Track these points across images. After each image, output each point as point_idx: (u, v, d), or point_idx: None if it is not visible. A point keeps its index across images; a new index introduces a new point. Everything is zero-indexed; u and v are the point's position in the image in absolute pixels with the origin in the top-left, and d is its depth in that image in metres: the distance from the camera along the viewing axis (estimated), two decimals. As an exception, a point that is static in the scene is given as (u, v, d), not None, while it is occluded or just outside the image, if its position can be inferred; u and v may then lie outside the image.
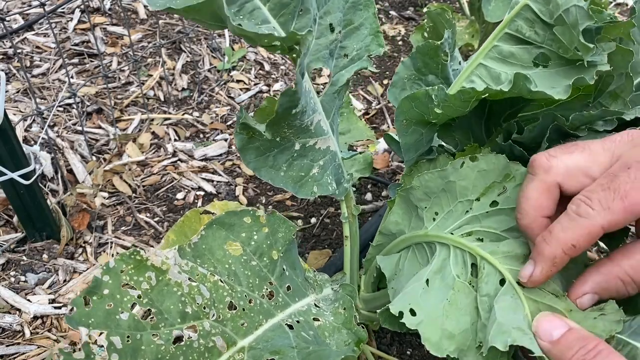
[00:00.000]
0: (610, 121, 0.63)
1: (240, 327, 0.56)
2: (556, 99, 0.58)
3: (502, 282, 0.57)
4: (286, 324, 0.59)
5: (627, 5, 2.40)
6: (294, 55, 0.58)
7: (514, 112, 0.73)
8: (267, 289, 0.61)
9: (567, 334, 0.49)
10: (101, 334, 0.48)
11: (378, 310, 0.62)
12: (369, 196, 1.38)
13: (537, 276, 0.53)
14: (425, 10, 0.89)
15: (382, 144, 1.53)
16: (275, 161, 0.68)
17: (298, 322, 0.60)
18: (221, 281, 0.57)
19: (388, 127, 1.64)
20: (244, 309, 0.57)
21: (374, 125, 1.65)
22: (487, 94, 0.61)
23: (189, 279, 0.55)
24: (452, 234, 0.64)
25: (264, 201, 1.33)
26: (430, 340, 0.55)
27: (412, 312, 0.57)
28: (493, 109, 0.73)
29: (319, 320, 0.63)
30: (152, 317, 0.51)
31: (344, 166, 0.78)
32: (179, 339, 0.52)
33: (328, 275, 0.75)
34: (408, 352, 1.02)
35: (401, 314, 0.57)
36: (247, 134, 0.64)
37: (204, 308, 0.55)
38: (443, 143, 0.81)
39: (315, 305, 0.66)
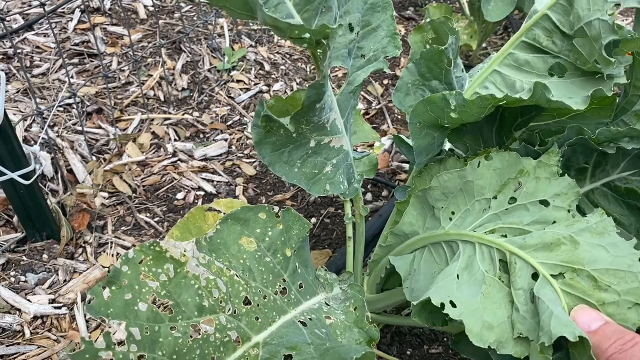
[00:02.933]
0: (637, 139, 0.63)
1: (254, 322, 0.57)
2: (574, 110, 0.59)
3: (534, 275, 0.58)
4: (299, 321, 0.60)
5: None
6: (319, 50, 0.59)
7: (525, 121, 0.74)
8: (280, 286, 0.61)
9: (604, 326, 0.51)
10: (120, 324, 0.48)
11: (414, 302, 0.62)
12: (369, 196, 1.38)
13: None
14: (427, 20, 0.89)
15: (383, 145, 1.53)
16: (290, 157, 0.69)
17: (311, 319, 0.61)
18: (237, 276, 0.58)
19: (388, 127, 1.64)
20: (258, 305, 0.58)
21: (374, 125, 1.65)
22: (505, 102, 0.61)
23: (206, 272, 0.56)
24: (474, 231, 0.65)
25: (264, 201, 1.33)
26: (473, 331, 0.56)
27: (452, 304, 0.58)
28: (505, 117, 0.74)
29: (330, 318, 0.63)
30: (170, 309, 0.52)
31: (355, 166, 0.79)
32: (196, 331, 0.52)
33: (335, 275, 0.76)
34: (408, 352, 1.02)
35: (442, 305, 0.58)
36: (265, 128, 0.64)
37: (221, 302, 0.55)
38: (453, 147, 0.82)
39: (326, 303, 0.67)
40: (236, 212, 0.61)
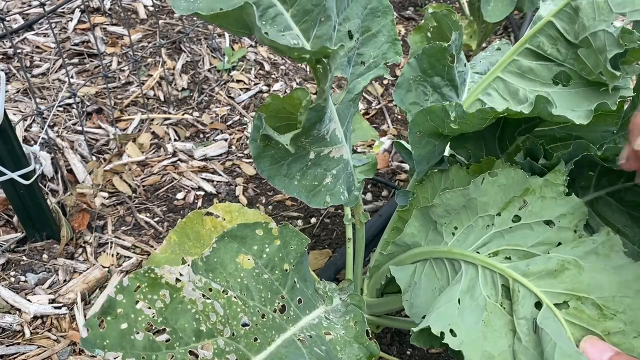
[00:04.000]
0: None
1: (253, 343, 0.56)
2: (577, 124, 0.58)
3: (537, 305, 0.57)
4: (298, 339, 0.59)
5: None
6: (320, 67, 0.58)
7: (529, 127, 0.73)
8: (278, 303, 0.60)
9: (614, 357, 0.50)
10: (117, 357, 0.47)
11: (413, 329, 0.61)
12: (369, 196, 1.38)
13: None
14: (430, 11, 0.88)
15: (382, 144, 1.53)
16: (289, 170, 0.68)
17: (310, 336, 0.60)
18: (235, 297, 0.57)
19: (388, 127, 1.64)
20: (256, 324, 0.57)
21: (374, 125, 1.65)
22: (505, 114, 0.61)
23: (202, 295, 0.54)
24: (478, 252, 0.63)
25: (264, 201, 1.33)
26: None
27: (452, 333, 0.57)
28: (508, 122, 0.73)
29: (330, 334, 0.63)
30: (167, 336, 0.51)
31: (355, 174, 0.78)
32: (194, 357, 0.51)
33: (335, 284, 0.75)
34: (408, 352, 1.02)
35: (442, 334, 0.57)
36: (262, 141, 0.64)
37: (218, 326, 0.54)
38: (455, 153, 0.81)
39: (326, 317, 0.66)
40: (233, 230, 0.60)
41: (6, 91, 1.41)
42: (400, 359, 1.00)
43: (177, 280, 0.54)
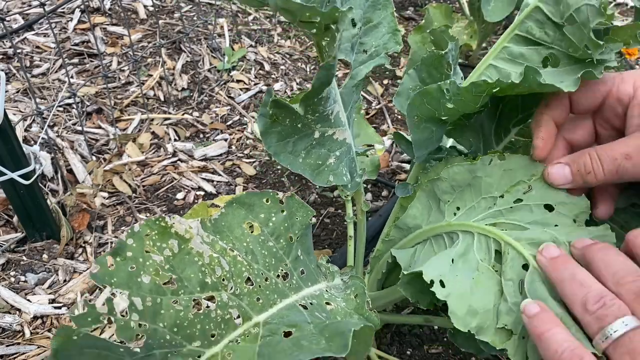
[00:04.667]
0: None
1: (255, 302, 0.57)
2: (565, 91, 0.59)
3: (525, 266, 0.58)
4: (300, 305, 0.60)
5: (627, 5, 2.40)
6: (326, 38, 0.60)
7: (525, 117, 0.74)
8: (282, 270, 0.62)
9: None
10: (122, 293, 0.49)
11: (404, 272, 0.63)
12: (369, 196, 1.38)
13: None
14: (429, 31, 0.90)
15: (383, 145, 1.53)
16: (295, 147, 0.69)
17: (312, 304, 0.62)
18: (240, 257, 0.58)
19: (388, 127, 1.64)
20: (260, 286, 0.58)
21: (374, 125, 1.65)
22: (498, 87, 0.62)
23: (210, 249, 0.56)
24: (475, 222, 0.65)
25: (264, 201, 1.33)
26: (456, 314, 0.56)
27: (442, 284, 0.59)
28: (504, 113, 0.74)
29: (330, 304, 0.64)
30: (173, 284, 0.52)
31: (357, 160, 0.80)
32: (197, 306, 0.53)
33: (337, 267, 0.76)
34: (408, 352, 1.02)
35: (432, 282, 0.58)
36: (271, 117, 0.65)
37: (223, 280, 0.56)
38: (456, 145, 0.82)
39: (327, 290, 0.67)
40: (241, 197, 0.62)
41: (6, 91, 1.41)
42: (400, 359, 1.00)
43: (187, 231, 0.55)
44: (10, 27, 1.68)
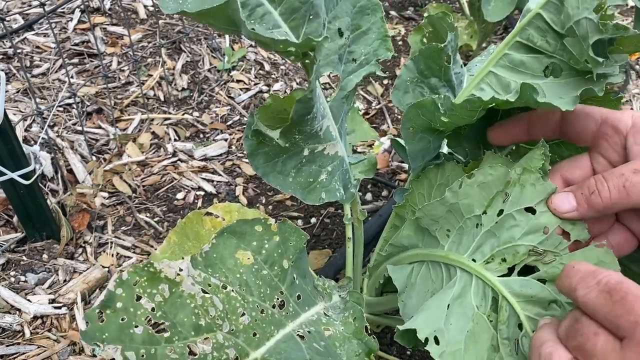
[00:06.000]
0: None
1: (252, 338, 0.56)
2: (563, 110, 0.58)
3: (520, 326, 0.57)
4: (297, 335, 0.59)
5: (627, 5, 2.39)
6: (307, 61, 0.58)
7: None
8: (278, 299, 0.60)
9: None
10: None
11: (398, 327, 0.61)
12: (369, 196, 1.38)
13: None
14: (425, 15, 0.89)
15: (382, 144, 1.53)
16: (284, 167, 0.68)
17: (309, 332, 0.60)
18: (234, 292, 0.57)
19: (388, 127, 1.64)
20: (255, 320, 0.57)
21: (374, 125, 1.65)
22: (493, 104, 0.60)
23: (202, 290, 0.54)
24: (474, 260, 0.63)
25: (264, 201, 1.33)
26: None
27: (436, 340, 0.57)
28: (504, 117, 0.72)
29: (329, 330, 0.63)
30: (166, 331, 0.51)
31: (351, 171, 0.78)
32: (192, 352, 0.51)
33: (334, 281, 0.75)
34: (408, 352, 1.02)
35: (427, 340, 0.57)
36: (257, 139, 0.64)
37: (217, 320, 0.54)
38: (452, 151, 0.81)
39: (325, 313, 0.66)
40: (232, 226, 0.60)
41: (6, 91, 1.41)
42: (400, 359, 1.00)
43: (177, 274, 0.54)
44: (10, 27, 1.68)
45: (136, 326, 0.49)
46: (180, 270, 0.54)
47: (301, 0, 0.63)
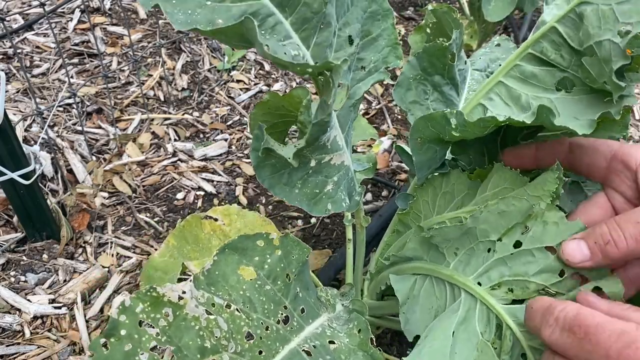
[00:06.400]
0: None
1: (258, 356, 0.55)
2: (580, 134, 0.57)
3: (524, 356, 0.56)
4: (303, 350, 0.58)
5: None
6: (321, 78, 0.56)
7: (532, 133, 0.72)
8: (282, 314, 0.60)
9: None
10: None
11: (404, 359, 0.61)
12: (369, 196, 1.38)
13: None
14: (429, 8, 0.88)
15: (382, 144, 1.53)
16: (290, 178, 0.66)
17: (314, 347, 0.60)
18: (238, 310, 0.56)
19: (388, 127, 1.64)
20: (260, 337, 0.56)
21: (374, 125, 1.65)
22: (508, 123, 0.59)
23: (206, 311, 0.54)
24: (479, 283, 0.62)
25: (264, 201, 1.33)
26: None
27: None
28: (510, 128, 0.71)
29: (334, 342, 0.62)
30: (172, 356, 0.50)
31: (356, 179, 0.77)
32: None
33: (336, 289, 0.74)
34: (408, 352, 1.01)
35: None
36: (263, 152, 0.63)
37: (222, 341, 0.54)
38: (456, 158, 0.80)
39: (329, 325, 0.65)
40: (233, 242, 0.59)
41: (6, 91, 1.41)
42: (400, 359, 1.00)
43: (180, 297, 0.53)
44: (10, 27, 1.68)
45: (142, 353, 0.48)
46: (183, 292, 0.53)
47: (313, 11, 0.61)
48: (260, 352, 0.56)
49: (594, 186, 0.76)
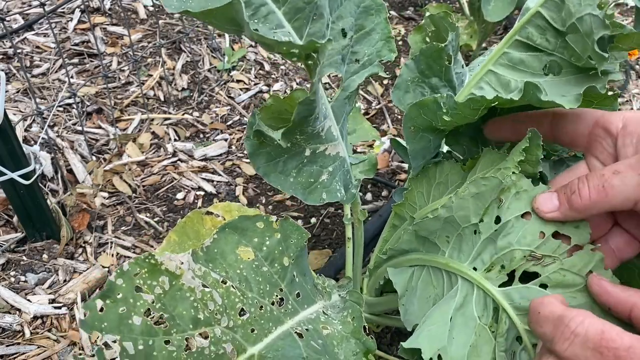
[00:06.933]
0: None
1: (250, 333, 0.56)
2: (566, 108, 0.58)
3: (519, 339, 0.57)
4: (295, 332, 0.59)
5: (627, 5, 2.39)
6: (310, 62, 0.57)
7: None
8: (277, 296, 0.60)
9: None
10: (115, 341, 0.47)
11: (402, 344, 0.62)
12: (369, 196, 1.38)
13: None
14: (427, 15, 0.89)
15: (383, 144, 1.53)
16: (285, 167, 0.67)
17: (307, 330, 0.60)
18: (233, 287, 0.57)
19: (388, 127, 1.64)
20: (254, 316, 0.57)
21: (374, 125, 1.65)
22: (496, 102, 0.60)
23: (202, 284, 0.55)
24: (475, 268, 0.63)
25: (264, 201, 1.33)
26: None
27: (439, 358, 0.58)
28: (502, 114, 0.72)
29: (327, 328, 0.63)
30: (165, 323, 0.51)
31: (352, 172, 0.77)
32: (190, 345, 0.51)
33: (335, 281, 0.75)
34: (408, 352, 1.02)
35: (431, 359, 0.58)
36: (258, 139, 0.63)
37: (216, 314, 0.54)
38: (451, 150, 0.81)
39: (324, 312, 0.66)
40: (234, 222, 0.60)
41: (6, 91, 1.41)
42: (400, 359, 1.00)
43: (177, 267, 0.54)
44: (10, 27, 1.68)
45: (135, 317, 0.49)
46: (181, 263, 0.54)
47: (305, 1, 0.62)
48: (253, 330, 0.56)
49: (577, 162, 0.77)
